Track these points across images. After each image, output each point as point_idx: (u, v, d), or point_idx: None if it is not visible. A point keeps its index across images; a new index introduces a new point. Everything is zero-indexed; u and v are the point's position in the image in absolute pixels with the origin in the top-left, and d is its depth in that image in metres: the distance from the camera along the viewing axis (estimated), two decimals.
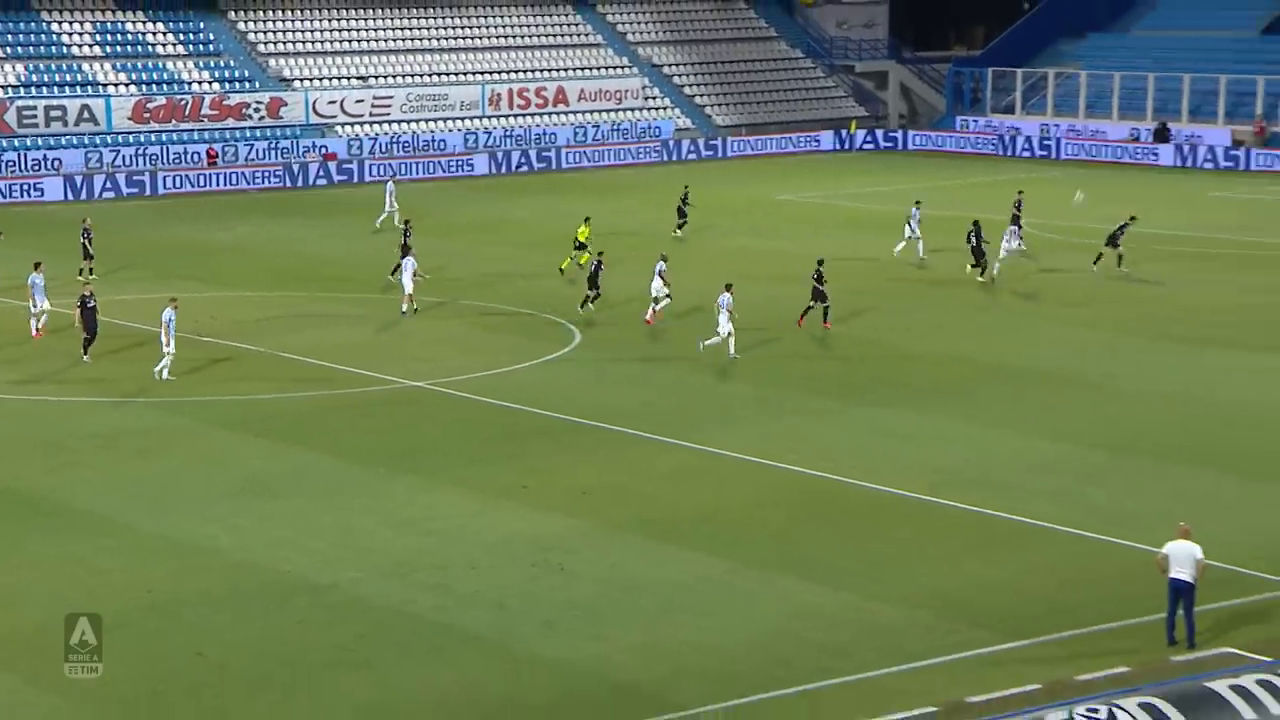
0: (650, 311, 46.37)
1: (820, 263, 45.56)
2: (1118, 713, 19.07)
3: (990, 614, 25.81)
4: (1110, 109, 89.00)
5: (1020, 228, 54.37)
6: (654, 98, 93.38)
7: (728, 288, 42.45)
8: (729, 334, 41.90)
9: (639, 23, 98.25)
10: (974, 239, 52.67)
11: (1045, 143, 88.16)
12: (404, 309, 47.94)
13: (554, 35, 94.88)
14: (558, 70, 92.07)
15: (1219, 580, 25.84)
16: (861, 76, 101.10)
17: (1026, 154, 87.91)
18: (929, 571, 27.80)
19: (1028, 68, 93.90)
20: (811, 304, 45.33)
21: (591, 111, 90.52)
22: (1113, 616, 25.54)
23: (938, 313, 48.27)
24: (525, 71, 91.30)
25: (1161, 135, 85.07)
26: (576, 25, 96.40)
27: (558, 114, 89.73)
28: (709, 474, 33.30)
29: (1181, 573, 24.32)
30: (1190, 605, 24.39)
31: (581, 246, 52.37)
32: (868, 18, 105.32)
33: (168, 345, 39.81)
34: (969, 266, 52.47)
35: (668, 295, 46.35)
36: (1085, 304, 49.44)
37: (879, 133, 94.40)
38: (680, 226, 61.98)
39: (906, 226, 56.31)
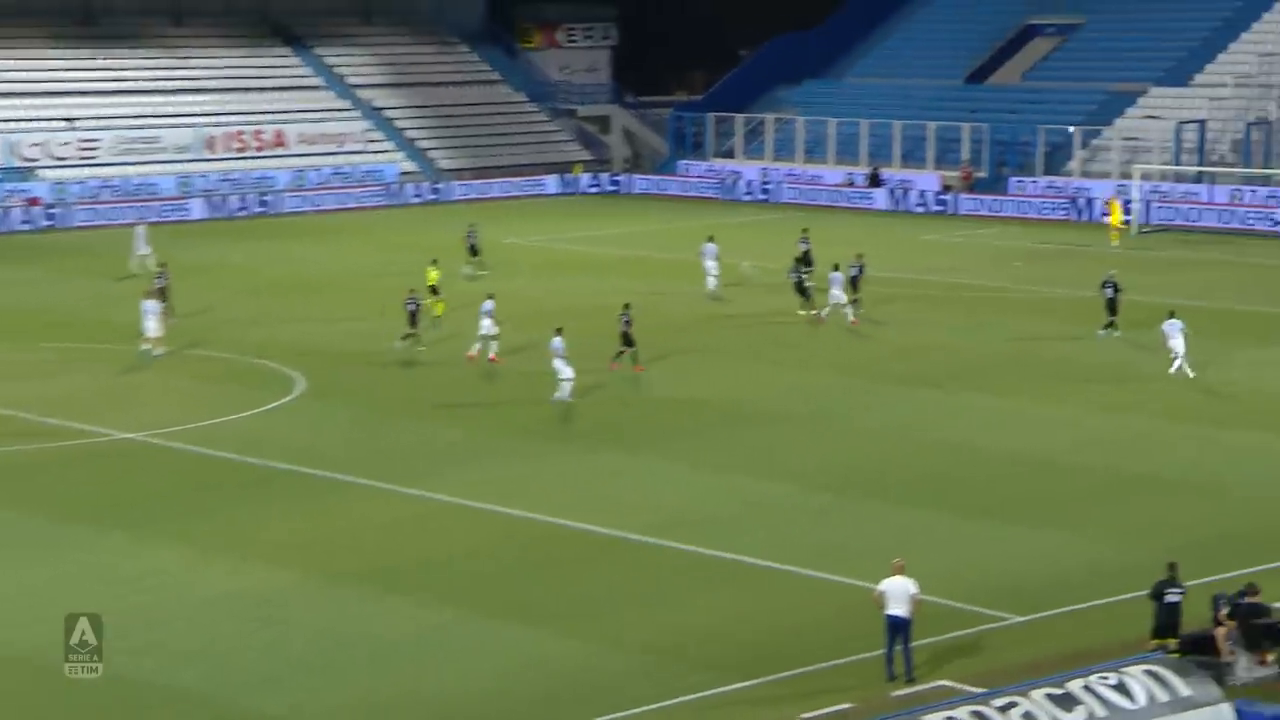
0: (475, 349, 45.73)
1: (627, 306, 45.45)
2: None
3: (713, 655, 25.87)
4: (827, 154, 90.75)
5: (810, 264, 55.32)
6: (376, 140, 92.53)
7: (559, 332, 41.98)
8: (570, 377, 41.38)
9: (359, 65, 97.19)
10: (797, 276, 53.37)
11: (765, 186, 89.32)
12: (145, 349, 46.75)
13: (271, 77, 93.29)
14: (276, 113, 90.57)
15: (934, 615, 26.19)
16: (585, 120, 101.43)
17: (748, 197, 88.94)
18: (652, 614, 27.82)
19: (747, 113, 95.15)
20: (622, 349, 45.01)
21: (312, 155, 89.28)
22: (834, 654, 25.72)
23: (672, 356, 47.72)
24: (242, 114, 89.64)
25: (875, 180, 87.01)
26: (294, 67, 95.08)
27: (277, 157, 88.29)
28: (430, 521, 33.00)
29: (898, 609, 24.66)
30: (907, 640, 24.71)
31: (434, 290, 51.68)
32: (590, 62, 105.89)
33: None
34: (798, 310, 52.79)
35: (496, 335, 45.60)
36: (810, 346, 49.78)
37: (604, 176, 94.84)
38: (476, 264, 61.68)
39: (705, 263, 56.68)
